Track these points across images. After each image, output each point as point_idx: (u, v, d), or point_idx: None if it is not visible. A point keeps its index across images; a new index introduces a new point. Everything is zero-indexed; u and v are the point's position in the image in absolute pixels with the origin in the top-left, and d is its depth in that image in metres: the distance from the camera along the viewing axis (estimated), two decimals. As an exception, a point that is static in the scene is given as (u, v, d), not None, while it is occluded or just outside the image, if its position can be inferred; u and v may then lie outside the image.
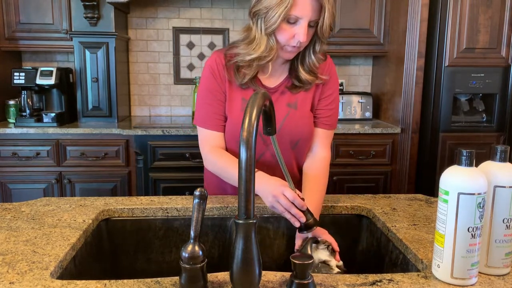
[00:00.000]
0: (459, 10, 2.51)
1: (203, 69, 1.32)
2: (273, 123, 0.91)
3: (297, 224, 1.04)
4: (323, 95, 1.32)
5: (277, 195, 1.05)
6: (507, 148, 0.81)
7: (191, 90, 3.20)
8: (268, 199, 1.08)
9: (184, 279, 0.75)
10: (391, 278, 0.82)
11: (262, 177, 1.12)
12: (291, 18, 1.13)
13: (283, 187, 1.06)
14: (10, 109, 2.79)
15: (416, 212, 1.19)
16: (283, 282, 0.81)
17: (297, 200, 1.03)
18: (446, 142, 2.65)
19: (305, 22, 1.12)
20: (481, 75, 2.59)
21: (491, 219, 0.82)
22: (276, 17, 1.12)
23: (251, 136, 0.69)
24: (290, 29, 1.14)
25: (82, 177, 2.63)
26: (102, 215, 1.16)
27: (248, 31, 1.22)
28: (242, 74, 1.25)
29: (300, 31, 1.13)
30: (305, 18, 1.12)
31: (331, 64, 1.34)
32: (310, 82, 1.27)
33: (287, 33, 1.15)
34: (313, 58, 1.24)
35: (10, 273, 0.81)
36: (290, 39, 1.16)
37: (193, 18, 3.15)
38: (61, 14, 2.77)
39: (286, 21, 1.13)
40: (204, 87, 1.30)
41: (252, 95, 0.76)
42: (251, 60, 1.21)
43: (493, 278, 0.83)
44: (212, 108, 1.28)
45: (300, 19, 1.12)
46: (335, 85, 1.34)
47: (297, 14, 1.12)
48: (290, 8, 1.10)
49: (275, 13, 1.12)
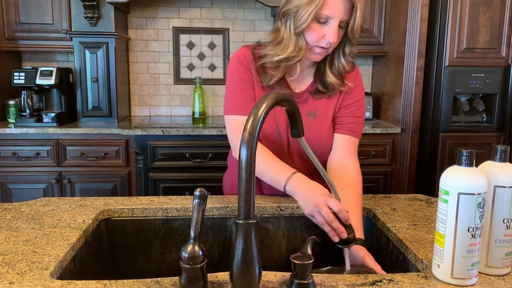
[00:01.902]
0: (459, 10, 2.51)
1: (229, 62, 1.30)
2: (299, 124, 0.86)
3: (336, 239, 0.98)
4: (346, 103, 1.28)
5: (320, 205, 0.98)
6: (507, 148, 0.81)
7: (191, 90, 3.20)
8: (309, 207, 1.02)
9: (184, 279, 0.75)
10: (391, 278, 0.82)
11: (303, 181, 1.07)
12: (322, 18, 1.10)
13: (327, 196, 1.00)
14: (10, 109, 2.79)
15: (416, 212, 1.19)
16: (283, 282, 0.81)
17: (342, 213, 0.97)
18: (446, 142, 2.65)
19: (336, 22, 1.10)
20: (481, 75, 2.58)
21: (491, 219, 0.82)
22: (306, 16, 1.10)
23: (252, 136, 0.69)
24: (320, 29, 1.12)
25: (82, 177, 2.63)
26: (102, 215, 1.16)
27: (276, 32, 1.20)
28: (270, 75, 1.22)
29: (330, 31, 1.10)
30: (336, 18, 1.10)
31: (358, 73, 1.30)
32: (336, 87, 1.24)
33: (317, 33, 1.12)
34: (342, 61, 1.21)
35: (10, 273, 0.81)
36: (320, 40, 1.13)
37: (193, 18, 3.15)
38: (61, 14, 2.76)
39: (316, 20, 1.11)
40: (234, 75, 1.26)
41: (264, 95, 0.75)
42: (279, 61, 1.19)
43: (493, 278, 0.83)
44: (245, 95, 1.24)
45: (330, 19, 1.10)
46: (361, 93, 1.30)
47: (328, 13, 1.09)
48: (321, 7, 1.08)
49: (305, 12, 1.10)
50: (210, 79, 3.22)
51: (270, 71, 1.22)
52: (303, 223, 1.22)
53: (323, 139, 1.27)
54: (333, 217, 0.97)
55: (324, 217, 0.98)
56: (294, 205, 1.22)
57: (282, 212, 1.22)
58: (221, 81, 3.23)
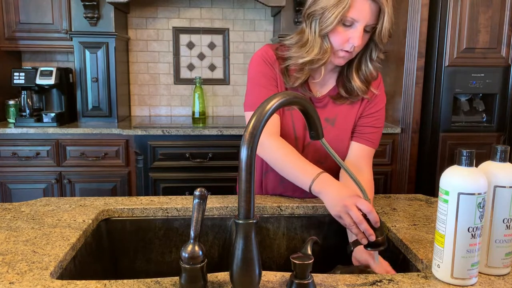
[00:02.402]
0: (459, 10, 2.51)
1: (252, 59, 1.26)
2: (317, 126, 0.84)
3: (364, 241, 0.94)
4: (368, 112, 1.25)
5: (349, 206, 0.95)
6: (507, 148, 0.81)
7: (191, 90, 3.20)
8: (337, 208, 0.98)
9: (184, 279, 0.75)
10: (391, 278, 0.82)
11: (331, 181, 1.04)
12: (347, 21, 1.08)
13: (357, 197, 0.96)
14: (10, 109, 2.79)
15: (416, 212, 1.19)
16: (283, 282, 0.81)
17: (372, 214, 0.92)
18: (446, 142, 2.65)
19: (361, 26, 1.08)
20: (481, 75, 2.58)
21: (491, 219, 0.82)
22: (332, 18, 1.08)
23: (253, 137, 0.68)
24: (345, 32, 1.10)
25: (82, 177, 2.63)
26: (102, 215, 1.16)
27: (301, 34, 1.18)
28: (294, 78, 1.20)
29: (355, 34, 1.08)
30: (362, 21, 1.07)
31: (381, 81, 1.28)
32: (360, 93, 1.21)
33: (342, 36, 1.10)
34: (369, 66, 1.18)
35: (10, 273, 0.81)
36: (344, 43, 1.11)
37: (193, 18, 3.15)
38: (61, 14, 2.77)
39: (342, 23, 1.09)
40: (256, 70, 1.24)
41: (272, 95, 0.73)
42: (304, 63, 1.17)
43: (493, 278, 0.83)
44: (268, 91, 1.21)
45: (356, 22, 1.08)
46: (383, 102, 1.28)
47: (354, 16, 1.07)
48: (347, 9, 1.06)
49: (332, 14, 1.08)
50: (210, 79, 3.22)
51: (294, 73, 1.20)
52: (303, 223, 1.22)
53: (341, 148, 1.24)
54: (362, 218, 0.93)
55: (353, 218, 0.94)
56: (294, 205, 1.22)
57: (282, 212, 1.22)
58: (221, 81, 3.23)
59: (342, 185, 1.04)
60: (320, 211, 1.23)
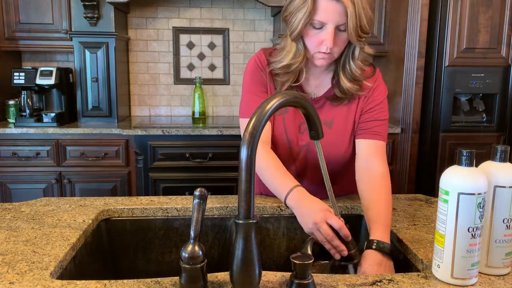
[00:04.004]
0: (459, 10, 2.51)
1: (247, 65, 1.29)
2: (317, 126, 0.84)
3: (337, 256, 0.96)
4: (367, 107, 1.22)
5: (319, 223, 0.95)
6: (507, 148, 0.81)
7: (191, 90, 3.20)
8: (308, 225, 0.98)
9: (184, 279, 0.75)
10: (391, 278, 0.82)
11: (303, 197, 1.03)
12: (316, 24, 1.07)
13: (327, 213, 0.96)
14: (10, 109, 2.79)
15: (416, 212, 1.19)
16: (283, 282, 0.81)
17: (342, 231, 0.94)
18: (446, 142, 2.65)
19: (331, 27, 1.06)
20: (481, 75, 2.59)
21: (491, 219, 0.82)
22: (296, 23, 1.08)
23: (253, 137, 0.68)
24: (317, 34, 1.09)
25: (82, 177, 2.63)
26: (102, 215, 1.16)
27: (283, 38, 1.19)
28: (280, 82, 1.21)
29: (327, 36, 1.07)
30: (330, 22, 1.06)
31: (378, 76, 1.25)
32: (354, 91, 1.19)
33: (315, 39, 1.10)
34: (352, 65, 1.16)
35: (10, 273, 0.81)
36: (319, 45, 1.10)
37: (193, 18, 3.15)
38: (61, 14, 2.76)
39: (313, 26, 1.08)
40: (248, 79, 1.25)
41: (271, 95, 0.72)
42: (282, 67, 1.18)
43: (493, 278, 0.83)
44: (258, 98, 1.22)
45: (325, 24, 1.07)
46: (381, 95, 1.23)
47: (320, 19, 1.06)
48: (310, 13, 1.05)
49: (296, 18, 1.08)
50: (210, 79, 3.22)
51: (278, 78, 1.21)
52: (303, 223, 1.22)
53: (338, 152, 1.22)
54: (332, 235, 0.94)
55: (323, 235, 0.95)
56: (294, 205, 1.22)
57: (282, 212, 1.22)
58: (221, 81, 3.23)
59: (314, 201, 1.02)
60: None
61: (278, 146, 1.25)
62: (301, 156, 1.25)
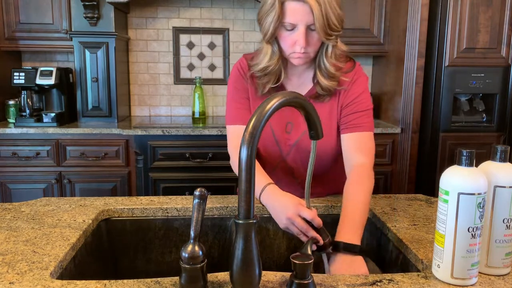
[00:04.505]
0: (459, 10, 2.51)
1: (230, 71, 1.33)
2: (316, 125, 0.85)
3: (314, 247, 0.97)
4: (346, 102, 1.23)
5: (292, 217, 0.98)
6: (507, 148, 0.81)
7: (191, 90, 3.20)
8: (282, 221, 1.01)
9: (184, 279, 0.75)
10: (391, 278, 0.82)
11: (274, 195, 1.05)
12: (287, 25, 1.10)
13: (298, 206, 0.99)
14: (10, 109, 2.79)
15: (416, 212, 1.19)
16: (283, 282, 0.81)
17: (315, 221, 0.97)
18: (446, 142, 2.65)
19: (302, 27, 1.09)
20: (481, 75, 2.59)
21: (491, 219, 0.82)
22: (267, 26, 1.12)
23: (253, 137, 0.68)
24: (290, 36, 1.12)
25: (82, 177, 2.63)
26: (102, 215, 1.16)
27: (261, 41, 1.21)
28: (261, 84, 1.23)
29: (299, 37, 1.10)
30: (300, 23, 1.09)
31: (358, 70, 1.25)
32: (332, 88, 1.20)
33: (288, 40, 1.13)
34: (326, 62, 1.18)
35: (10, 273, 0.81)
36: (293, 46, 1.12)
37: (193, 18, 3.15)
38: (61, 14, 2.76)
39: (285, 28, 1.11)
40: (231, 86, 1.29)
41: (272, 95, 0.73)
42: (260, 70, 1.21)
43: (493, 278, 0.83)
44: (241, 105, 1.26)
45: (296, 25, 1.09)
46: (360, 88, 1.23)
47: (290, 21, 1.09)
48: (279, 16, 1.08)
49: (266, 22, 1.12)
50: (210, 79, 3.22)
51: (258, 80, 1.24)
52: (303, 223, 1.22)
53: (325, 149, 1.24)
54: (307, 227, 0.97)
55: (298, 228, 0.98)
56: (294, 205, 1.22)
57: (282, 212, 1.22)
58: (221, 81, 3.23)
59: (285, 197, 1.03)
60: (320, 211, 1.23)
61: (267, 146, 1.27)
62: (293, 153, 1.27)
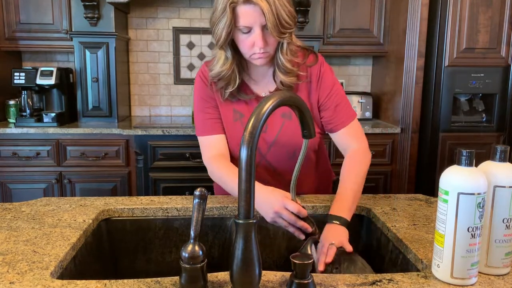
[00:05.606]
0: (459, 10, 2.51)
1: (194, 80, 1.33)
2: (309, 125, 0.86)
3: (302, 236, 1.01)
4: (322, 99, 1.26)
5: (279, 211, 1.01)
6: (507, 148, 0.81)
7: (191, 90, 3.20)
8: (269, 215, 1.03)
9: (184, 279, 0.75)
10: (391, 278, 0.82)
11: (259, 191, 1.06)
12: (243, 29, 1.11)
13: (283, 199, 1.01)
14: (10, 109, 2.80)
15: (416, 212, 1.19)
16: (283, 282, 0.81)
17: (301, 212, 1.00)
18: (446, 142, 2.65)
19: (258, 29, 1.10)
20: (481, 75, 2.59)
21: (491, 219, 0.82)
22: (220, 32, 1.12)
23: (252, 137, 0.69)
24: (248, 38, 1.13)
25: (82, 177, 2.64)
26: (102, 215, 1.16)
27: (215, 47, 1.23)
28: (219, 89, 1.25)
29: (256, 38, 1.11)
30: (255, 24, 1.10)
31: (322, 63, 1.27)
32: (291, 84, 1.23)
33: (247, 42, 1.14)
34: (282, 59, 1.20)
35: (10, 273, 0.81)
36: (252, 48, 1.14)
37: (193, 18, 3.15)
38: (61, 14, 2.77)
39: (241, 32, 1.12)
40: (197, 96, 1.31)
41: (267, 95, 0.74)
42: (215, 76, 1.22)
43: (493, 278, 0.83)
44: (208, 115, 1.28)
45: (251, 27, 1.11)
46: (329, 81, 1.26)
47: (244, 24, 1.10)
48: (231, 21, 1.09)
49: (218, 28, 1.12)
50: (210, 79, 3.22)
51: (218, 85, 1.24)
52: (303, 223, 1.22)
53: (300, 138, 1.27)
54: (295, 218, 1.00)
55: (286, 221, 1.01)
56: (294, 205, 1.22)
57: (282, 212, 1.22)
58: (221, 81, 3.23)
59: (268, 192, 1.06)
60: (320, 211, 1.23)
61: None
62: (271, 153, 1.28)
